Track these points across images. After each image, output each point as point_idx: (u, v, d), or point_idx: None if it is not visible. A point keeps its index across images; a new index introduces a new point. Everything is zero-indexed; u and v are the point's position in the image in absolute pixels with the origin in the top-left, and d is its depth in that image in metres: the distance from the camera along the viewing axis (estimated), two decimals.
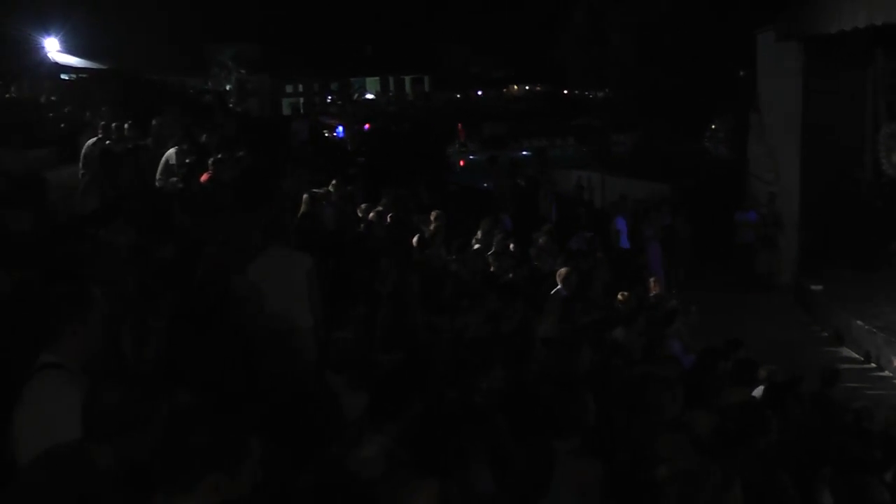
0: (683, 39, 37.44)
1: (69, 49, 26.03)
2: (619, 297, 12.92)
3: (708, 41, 35.79)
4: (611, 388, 6.98)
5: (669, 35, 38.36)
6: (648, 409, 5.99)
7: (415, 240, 12.18)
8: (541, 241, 14.90)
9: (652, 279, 15.72)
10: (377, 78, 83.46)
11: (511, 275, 12.54)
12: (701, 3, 37.05)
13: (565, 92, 67.95)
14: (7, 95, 16.81)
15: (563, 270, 11.74)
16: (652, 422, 5.85)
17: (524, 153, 42.94)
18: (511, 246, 13.80)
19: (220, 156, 13.28)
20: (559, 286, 11.47)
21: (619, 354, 9.35)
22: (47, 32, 24.32)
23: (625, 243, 18.62)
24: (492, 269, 12.85)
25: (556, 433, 5.24)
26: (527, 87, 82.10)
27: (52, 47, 24.39)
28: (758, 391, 9.39)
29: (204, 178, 12.78)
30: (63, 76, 25.24)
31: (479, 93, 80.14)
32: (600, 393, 5.98)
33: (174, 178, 13.34)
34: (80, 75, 26.25)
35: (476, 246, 13.78)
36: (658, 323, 12.27)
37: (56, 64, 25.00)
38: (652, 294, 14.70)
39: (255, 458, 3.23)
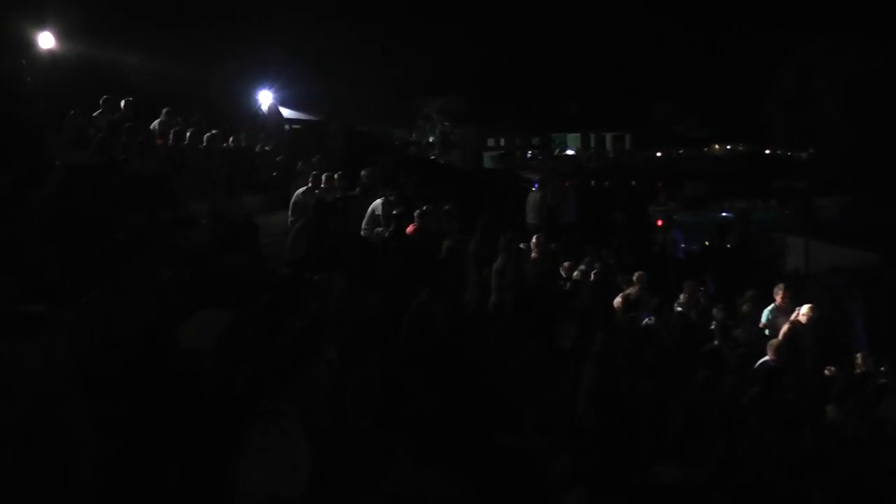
0: None
1: (283, 101, 27.16)
2: (826, 371, 12.36)
3: None
4: (829, 471, 6.61)
5: (881, 90, 36.90)
6: (867, 500, 5.67)
7: (618, 300, 11.99)
8: (745, 307, 14.42)
9: (859, 354, 14.90)
10: (578, 134, 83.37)
11: (716, 342, 12.17)
12: None
13: (767, 152, 66.38)
14: (224, 145, 17.56)
15: (774, 342, 11.33)
16: None
17: (724, 214, 42.10)
18: (715, 311, 13.39)
19: (425, 208, 13.46)
20: (767, 357, 11.05)
21: (832, 434, 8.92)
22: (262, 86, 25.47)
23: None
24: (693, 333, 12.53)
25: None
26: (728, 147, 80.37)
27: (267, 100, 25.48)
28: None
29: (410, 229, 12.97)
30: None
31: (680, 151, 78.90)
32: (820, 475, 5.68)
33: (379, 229, 13.60)
34: (293, 126, 27.29)
35: (678, 309, 13.45)
36: (868, 402, 11.61)
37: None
38: (859, 371, 13.94)
39: None
